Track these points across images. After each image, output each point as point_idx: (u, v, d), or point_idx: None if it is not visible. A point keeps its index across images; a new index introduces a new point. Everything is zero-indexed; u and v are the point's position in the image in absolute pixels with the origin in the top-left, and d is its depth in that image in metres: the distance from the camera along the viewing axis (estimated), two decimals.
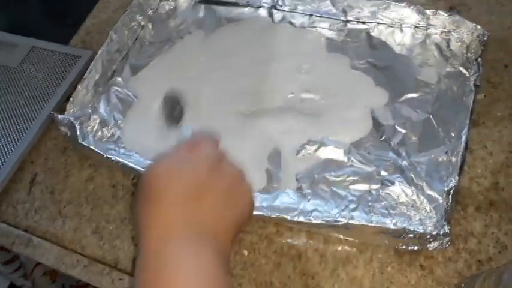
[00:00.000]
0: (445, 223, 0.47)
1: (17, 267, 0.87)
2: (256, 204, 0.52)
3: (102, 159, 0.58)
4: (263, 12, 0.72)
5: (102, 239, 0.56)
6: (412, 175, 0.53)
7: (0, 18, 0.87)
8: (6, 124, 0.67)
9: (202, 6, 0.75)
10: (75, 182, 0.61)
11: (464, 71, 0.60)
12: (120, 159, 0.56)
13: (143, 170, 0.54)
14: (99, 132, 0.62)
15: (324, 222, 0.49)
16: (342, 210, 0.51)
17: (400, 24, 0.66)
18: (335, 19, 0.69)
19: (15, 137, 0.65)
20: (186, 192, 0.36)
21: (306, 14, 0.70)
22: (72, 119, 0.59)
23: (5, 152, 0.64)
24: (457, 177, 0.50)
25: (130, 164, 0.56)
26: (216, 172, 0.37)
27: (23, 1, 0.90)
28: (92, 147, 0.58)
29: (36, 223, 0.59)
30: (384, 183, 0.53)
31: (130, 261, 0.54)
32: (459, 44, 0.63)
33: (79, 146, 0.60)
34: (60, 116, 0.59)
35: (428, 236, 0.47)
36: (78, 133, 0.58)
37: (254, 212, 0.51)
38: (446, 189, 0.50)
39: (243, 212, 0.39)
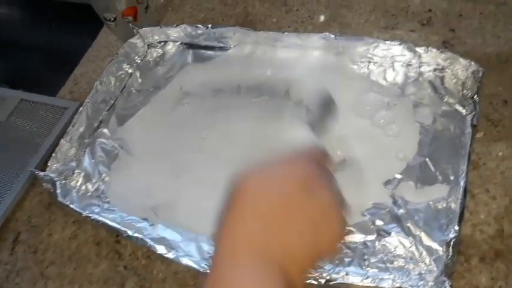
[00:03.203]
0: (445, 278, 0.44)
1: None
2: None
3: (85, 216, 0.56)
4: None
5: None
6: (409, 224, 0.50)
7: None
8: None
9: (191, 51, 0.74)
10: (58, 240, 0.59)
11: (461, 109, 0.57)
12: (101, 218, 0.54)
13: (124, 229, 0.52)
14: (83, 187, 0.60)
15: (314, 283, 0.46)
16: (337, 265, 0.48)
17: (392, 63, 0.64)
18: None
19: (0, 194, 0.63)
20: (270, 210, 0.32)
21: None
22: (53, 175, 0.57)
23: None
24: (458, 226, 0.47)
25: (111, 223, 0.53)
26: (308, 193, 0.33)
27: (18, 53, 0.91)
28: (71, 206, 0.56)
29: (17, 286, 0.57)
30: (380, 233, 0.50)
31: None
32: (454, 81, 0.60)
33: (61, 203, 0.57)
34: (41, 173, 0.58)
35: None
36: (58, 191, 0.57)
37: None
38: (446, 239, 0.46)
39: (329, 243, 0.34)
